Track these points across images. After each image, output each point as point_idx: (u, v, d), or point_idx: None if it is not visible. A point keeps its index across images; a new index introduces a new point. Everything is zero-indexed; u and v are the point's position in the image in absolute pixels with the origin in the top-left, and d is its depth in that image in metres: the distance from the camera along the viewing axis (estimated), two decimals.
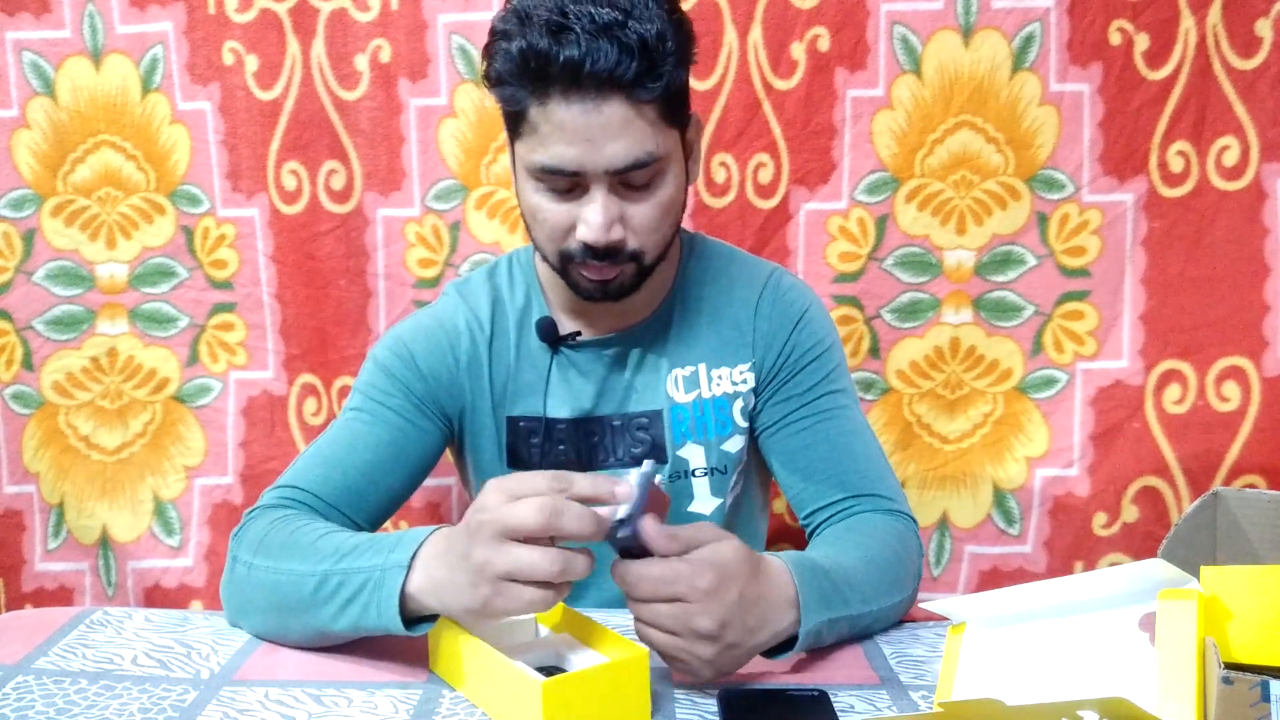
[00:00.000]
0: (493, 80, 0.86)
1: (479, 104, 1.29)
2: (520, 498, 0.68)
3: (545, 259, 0.93)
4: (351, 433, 0.96)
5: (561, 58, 0.79)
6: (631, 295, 0.94)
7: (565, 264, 0.91)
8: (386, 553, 0.75)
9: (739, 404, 1.00)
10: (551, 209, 0.88)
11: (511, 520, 0.67)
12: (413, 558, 0.74)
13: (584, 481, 0.70)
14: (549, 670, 0.73)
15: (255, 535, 0.86)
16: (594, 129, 0.82)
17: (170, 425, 1.37)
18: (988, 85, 1.25)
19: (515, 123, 0.88)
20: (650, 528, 0.71)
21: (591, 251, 0.87)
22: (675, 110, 0.88)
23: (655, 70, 0.82)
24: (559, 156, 0.84)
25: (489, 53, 0.86)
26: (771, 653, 0.76)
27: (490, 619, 0.74)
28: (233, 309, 1.35)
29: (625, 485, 0.70)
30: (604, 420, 1.00)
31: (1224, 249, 1.26)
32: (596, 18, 0.79)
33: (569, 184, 0.86)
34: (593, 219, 0.85)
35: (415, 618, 0.75)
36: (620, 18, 0.80)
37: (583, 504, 0.69)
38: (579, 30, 0.79)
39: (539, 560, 0.67)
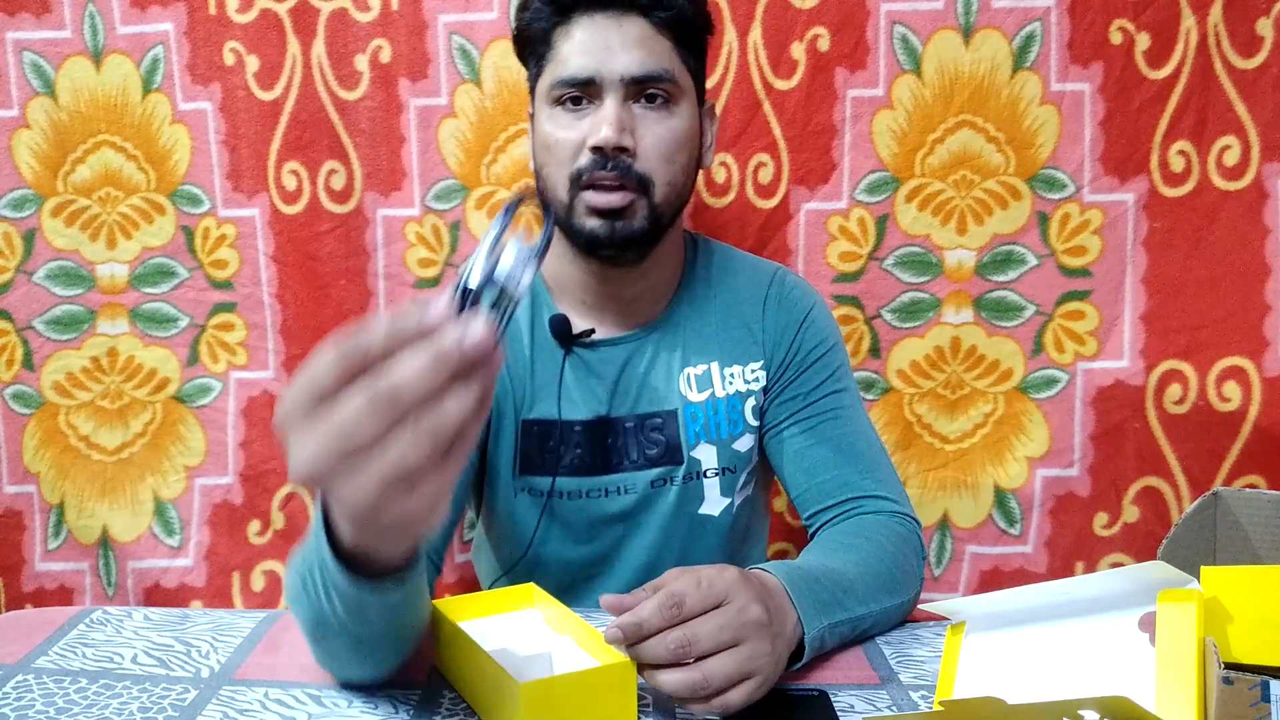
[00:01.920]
0: (523, 25, 0.94)
1: (479, 104, 1.29)
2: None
3: (556, 201, 0.93)
4: None
5: None
6: (638, 269, 0.95)
7: (574, 195, 0.91)
8: None
9: (750, 402, 1.01)
10: (565, 131, 0.92)
11: (299, 470, 0.48)
12: None
13: (379, 334, 0.47)
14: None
15: (288, 570, 0.76)
16: (613, 40, 0.90)
17: (170, 425, 1.37)
18: (988, 85, 1.25)
19: (540, 56, 0.94)
20: (645, 611, 0.65)
21: (601, 161, 0.89)
22: (691, 53, 0.95)
23: (669, 1, 0.91)
24: (577, 65, 0.90)
25: (523, 4, 0.94)
26: None
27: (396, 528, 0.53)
28: (233, 309, 1.35)
29: (432, 306, 0.48)
30: (618, 421, 0.99)
31: (1225, 249, 1.26)
32: None
33: (584, 93, 0.91)
34: (604, 123, 0.89)
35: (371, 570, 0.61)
36: None
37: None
38: None
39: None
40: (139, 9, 1.28)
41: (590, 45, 0.90)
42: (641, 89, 0.90)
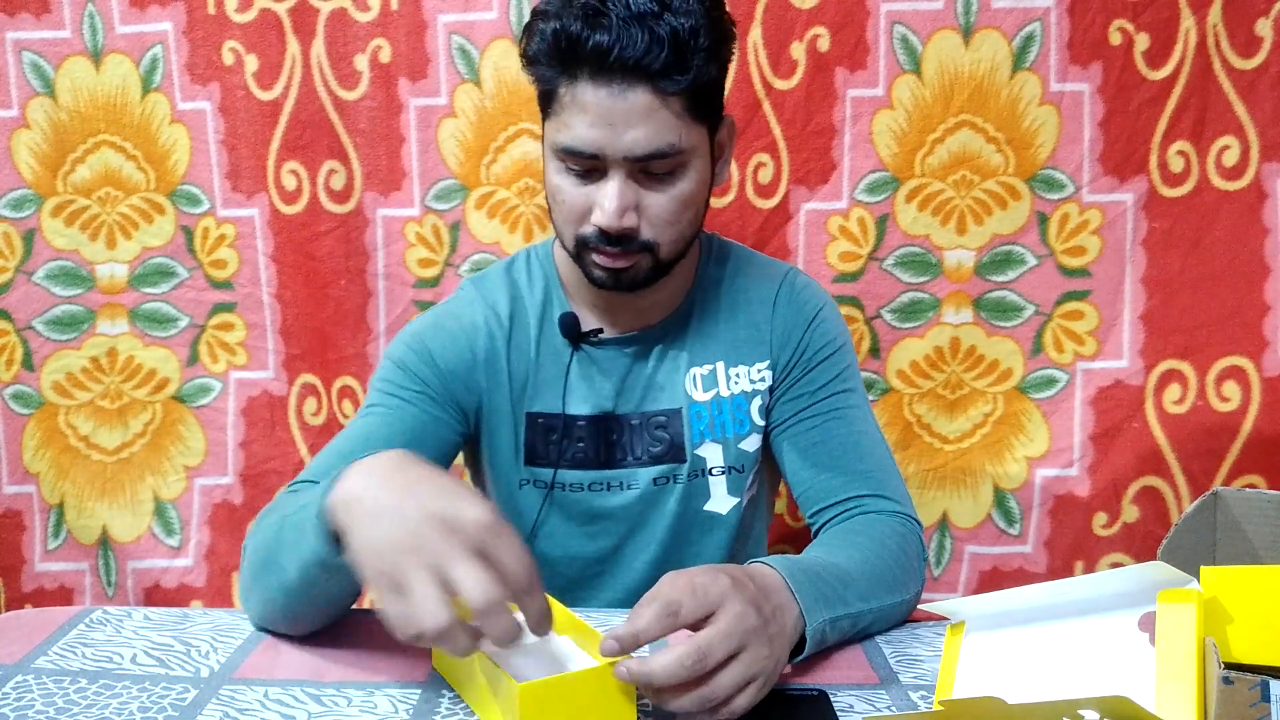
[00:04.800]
0: (528, 59, 0.89)
1: (479, 104, 1.29)
2: (511, 546, 0.61)
3: (563, 244, 0.94)
4: (367, 426, 0.95)
5: (591, 42, 0.81)
6: (648, 289, 0.95)
7: (580, 250, 0.92)
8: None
9: (757, 402, 1.01)
10: (571, 191, 0.89)
11: (492, 548, 0.61)
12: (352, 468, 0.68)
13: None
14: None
15: (257, 520, 0.86)
16: (617, 114, 0.84)
17: (170, 425, 1.37)
18: (988, 85, 1.25)
19: (546, 102, 0.90)
20: (642, 621, 0.66)
21: (605, 237, 0.88)
22: (704, 106, 0.89)
23: (684, 63, 0.83)
24: (580, 138, 0.86)
25: (528, 31, 0.89)
26: None
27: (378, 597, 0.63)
28: (233, 309, 1.35)
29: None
30: (623, 418, 1.01)
31: (1224, 249, 1.26)
32: (633, 6, 0.82)
33: (588, 166, 0.88)
34: (607, 204, 0.86)
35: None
36: (656, 9, 0.82)
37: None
38: (613, 17, 0.81)
39: (479, 585, 0.59)
40: (138, 9, 1.28)
41: (595, 119, 0.84)
42: (646, 164, 0.87)
